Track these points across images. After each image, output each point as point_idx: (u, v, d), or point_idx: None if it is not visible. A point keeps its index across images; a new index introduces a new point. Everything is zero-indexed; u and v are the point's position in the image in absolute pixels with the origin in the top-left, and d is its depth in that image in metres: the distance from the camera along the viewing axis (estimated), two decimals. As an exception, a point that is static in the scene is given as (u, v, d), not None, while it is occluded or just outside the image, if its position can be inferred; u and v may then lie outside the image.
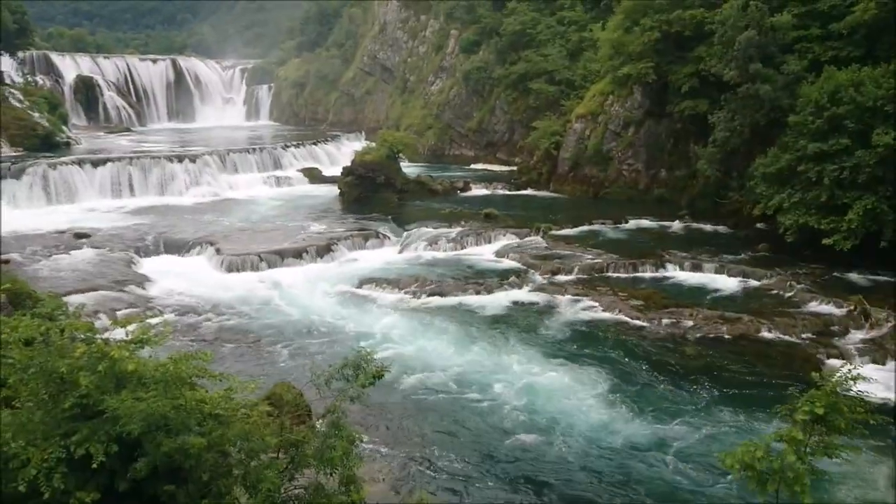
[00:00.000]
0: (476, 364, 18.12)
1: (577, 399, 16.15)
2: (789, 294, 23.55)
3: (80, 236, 29.11)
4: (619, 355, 18.82)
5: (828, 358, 18.45)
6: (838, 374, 7.92)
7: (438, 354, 18.74)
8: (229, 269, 26.37)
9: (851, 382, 7.72)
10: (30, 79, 59.95)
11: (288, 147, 50.74)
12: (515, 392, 16.46)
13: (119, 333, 8.53)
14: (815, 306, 22.31)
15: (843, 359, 17.74)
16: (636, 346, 19.52)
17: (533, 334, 20.36)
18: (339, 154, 53.29)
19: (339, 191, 39.69)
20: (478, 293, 23.90)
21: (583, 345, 19.57)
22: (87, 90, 71.29)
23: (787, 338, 19.97)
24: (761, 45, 30.69)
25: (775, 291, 24.00)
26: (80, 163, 38.20)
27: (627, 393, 16.45)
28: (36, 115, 47.27)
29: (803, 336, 20.02)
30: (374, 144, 41.79)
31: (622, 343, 19.72)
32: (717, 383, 17.03)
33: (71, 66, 73.44)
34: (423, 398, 16.28)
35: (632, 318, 21.50)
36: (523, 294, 24.05)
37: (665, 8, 35.97)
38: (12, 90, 49.59)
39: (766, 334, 20.22)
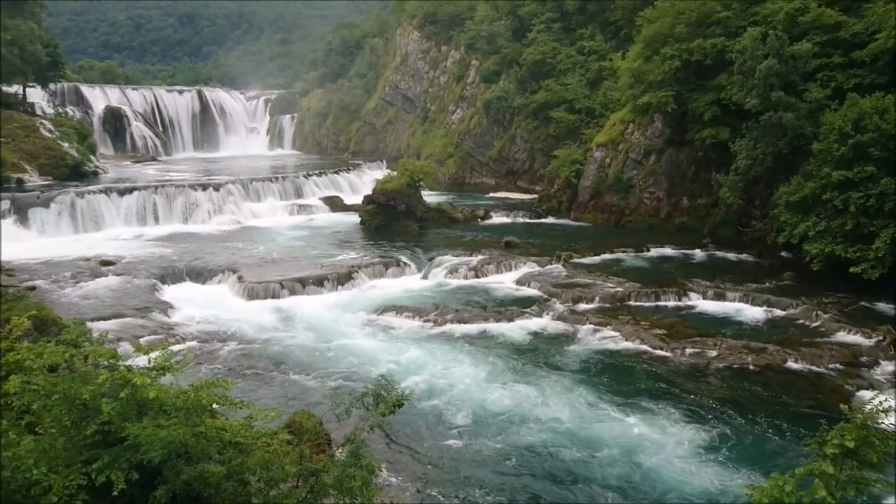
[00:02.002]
0: (496, 394, 17.95)
1: (599, 431, 15.90)
2: (816, 324, 23.15)
3: (106, 263, 29.50)
4: (642, 386, 18.55)
5: (857, 389, 18.04)
6: (869, 406, 7.71)
7: (459, 383, 18.60)
8: (251, 297, 26.52)
9: (883, 414, 7.51)
10: (60, 110, 61.36)
11: (310, 176, 51.28)
12: (535, 423, 16.26)
13: (141, 360, 8.57)
14: (843, 336, 21.90)
15: (873, 390, 17.33)
16: (659, 376, 19.24)
17: (554, 363, 20.16)
18: (361, 183, 53.77)
19: (360, 219, 39.94)
20: (498, 321, 23.78)
21: (605, 375, 19.33)
22: (115, 120, 72.83)
23: (814, 368, 19.59)
24: (782, 74, 30.64)
25: (801, 321, 23.62)
26: (106, 191, 38.87)
27: (651, 424, 16.17)
28: (65, 145, 48.29)
29: (831, 367, 19.63)
30: (395, 173, 42.10)
31: (645, 373, 19.45)
32: (743, 415, 16.70)
33: (100, 98, 75.20)
34: (443, 428, 16.14)
35: (654, 348, 21.23)
36: (544, 322, 23.90)
37: (685, 37, 36.08)
38: (43, 121, 50.77)
39: (792, 365, 19.85)
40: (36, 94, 60.03)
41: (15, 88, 54.27)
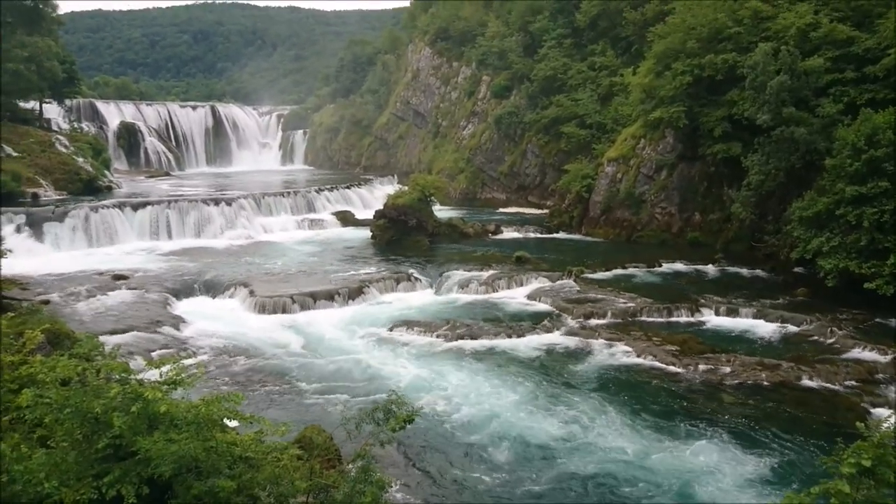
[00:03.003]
0: (508, 410, 17.85)
1: (614, 448, 15.75)
2: (830, 340, 22.92)
3: (119, 278, 29.69)
4: (655, 402, 18.39)
5: (873, 407, 17.79)
6: (885, 425, 7.61)
7: (471, 400, 18.51)
8: (262, 311, 26.58)
9: (900, 433, 7.41)
10: (76, 125, 62.16)
11: (321, 191, 51.54)
12: (546, 439, 16.13)
13: (153, 374, 8.59)
14: (858, 353, 21.65)
15: (890, 408, 17.11)
16: (672, 392, 19.07)
17: (566, 380, 20.04)
18: (372, 197, 53.99)
19: (371, 234, 40.03)
20: (510, 336, 23.70)
21: (618, 391, 19.18)
22: (129, 136, 73.62)
23: (829, 386, 19.35)
24: (794, 89, 30.58)
25: (815, 337, 23.39)
26: (120, 206, 39.20)
27: (664, 443, 16.00)
28: (80, 160, 48.84)
29: (846, 384, 19.39)
30: (406, 188, 42.25)
31: (658, 389, 19.29)
32: (758, 432, 16.50)
33: (115, 113, 76.09)
34: (454, 445, 16.04)
35: (667, 364, 21.06)
36: (556, 338, 23.79)
37: (696, 53, 36.09)
38: (59, 136, 51.42)
39: (807, 382, 19.61)
40: (52, 110, 60.81)
41: (32, 104, 55.01)
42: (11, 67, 43.28)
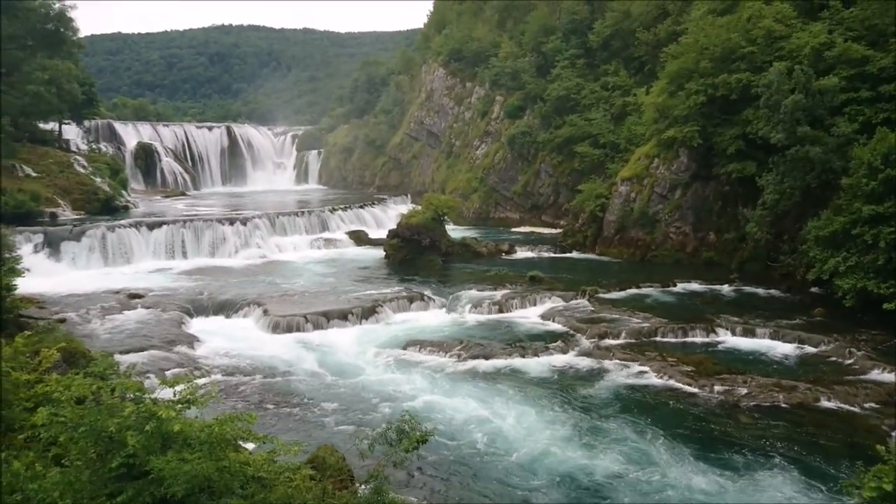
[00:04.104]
0: (522, 431, 17.71)
1: (633, 470, 15.57)
2: (849, 361, 22.60)
3: (134, 297, 29.89)
4: (672, 423, 18.17)
5: (893, 429, 17.48)
6: (906, 448, 7.49)
7: (484, 420, 18.38)
8: (276, 330, 26.63)
9: (921, 457, 7.28)
10: (94, 146, 62.98)
11: (335, 210, 51.81)
12: (561, 461, 15.98)
13: (167, 393, 8.61)
14: (878, 374, 21.32)
15: (911, 431, 16.83)
16: (688, 414, 18.85)
17: (580, 400, 19.87)
18: (386, 217, 54.19)
19: (384, 253, 40.10)
20: (523, 356, 23.56)
21: (634, 412, 18.98)
22: (146, 156, 74.46)
23: (848, 407, 19.06)
24: (809, 108, 30.46)
25: (833, 358, 23.07)
26: (136, 225, 39.56)
27: (682, 464, 15.80)
28: (98, 180, 49.48)
29: (866, 406, 19.09)
30: (419, 207, 42.35)
31: (674, 411, 19.07)
32: (775, 455, 16.25)
33: (132, 134, 77.07)
34: (467, 465, 15.91)
35: (683, 385, 20.85)
36: (570, 358, 23.63)
37: (710, 72, 36.09)
38: (77, 157, 52.15)
39: (825, 403, 19.32)
40: (71, 131, 61.71)
41: (51, 125, 55.88)
42: (32, 90, 44.05)
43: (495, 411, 18.90)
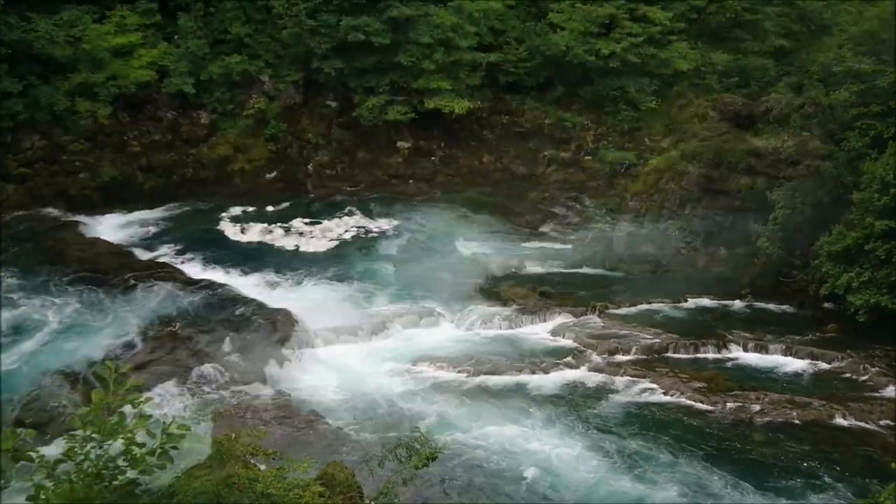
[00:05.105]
0: (534, 447, 17.61)
1: (647, 488, 15.43)
2: (863, 378, 22.34)
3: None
4: (684, 441, 18.03)
5: (910, 447, 17.28)
6: (925, 466, 7.38)
7: (493, 436, 18.28)
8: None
9: (940, 475, 7.17)
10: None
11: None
12: (571, 479, 15.85)
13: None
14: (893, 391, 21.07)
15: (928, 449, 16.60)
16: (701, 431, 18.70)
17: (591, 416, 19.74)
18: (395, 232, 54.12)
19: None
20: (533, 372, 23.43)
21: (645, 429, 18.84)
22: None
23: (863, 425, 18.84)
24: (819, 124, 30.40)
25: (848, 375, 22.82)
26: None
27: (694, 482, 15.65)
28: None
29: (881, 423, 18.87)
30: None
31: (687, 428, 18.92)
32: (790, 472, 16.09)
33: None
34: (477, 482, 15.81)
35: (695, 402, 20.66)
36: (580, 374, 23.47)
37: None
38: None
39: (840, 421, 19.11)
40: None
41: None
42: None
43: (506, 427, 18.79)
